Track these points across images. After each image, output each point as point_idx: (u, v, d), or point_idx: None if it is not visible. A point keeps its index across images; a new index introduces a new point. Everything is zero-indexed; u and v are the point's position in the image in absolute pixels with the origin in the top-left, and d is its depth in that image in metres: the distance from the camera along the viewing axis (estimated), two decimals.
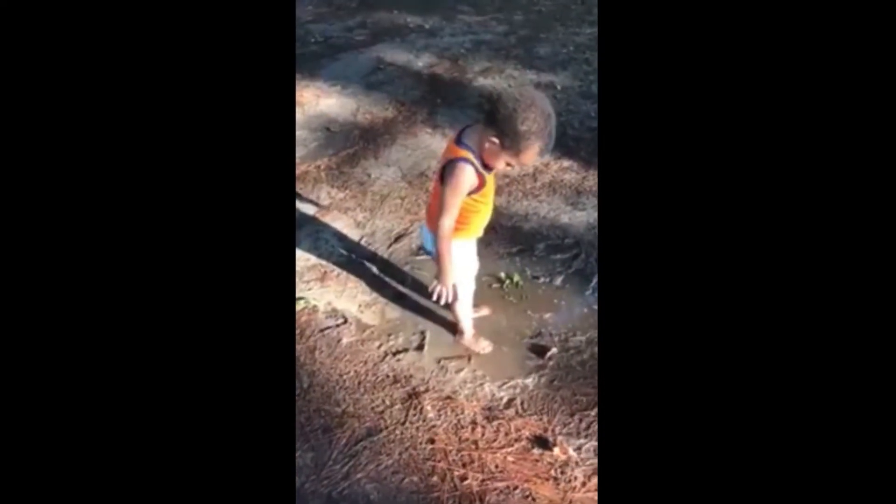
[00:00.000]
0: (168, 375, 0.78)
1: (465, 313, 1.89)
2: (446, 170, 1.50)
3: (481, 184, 1.54)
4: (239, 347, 0.80)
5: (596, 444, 1.62)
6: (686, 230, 0.79)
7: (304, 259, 2.30)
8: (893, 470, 0.70)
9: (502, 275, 2.18)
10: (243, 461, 0.79)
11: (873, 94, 0.74)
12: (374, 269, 2.26)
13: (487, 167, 1.53)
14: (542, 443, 1.63)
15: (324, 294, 2.15)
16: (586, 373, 1.83)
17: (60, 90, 0.79)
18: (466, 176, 1.49)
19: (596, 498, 1.50)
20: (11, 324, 0.76)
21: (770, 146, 0.77)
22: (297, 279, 2.20)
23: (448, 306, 1.83)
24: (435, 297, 1.63)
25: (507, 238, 2.38)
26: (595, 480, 1.53)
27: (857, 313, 0.73)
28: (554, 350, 1.90)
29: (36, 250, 0.77)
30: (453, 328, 1.98)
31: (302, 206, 2.58)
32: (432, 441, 1.65)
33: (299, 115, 3.27)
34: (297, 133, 3.11)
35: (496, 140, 1.43)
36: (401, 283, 2.19)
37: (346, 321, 2.04)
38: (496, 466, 1.58)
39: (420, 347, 1.94)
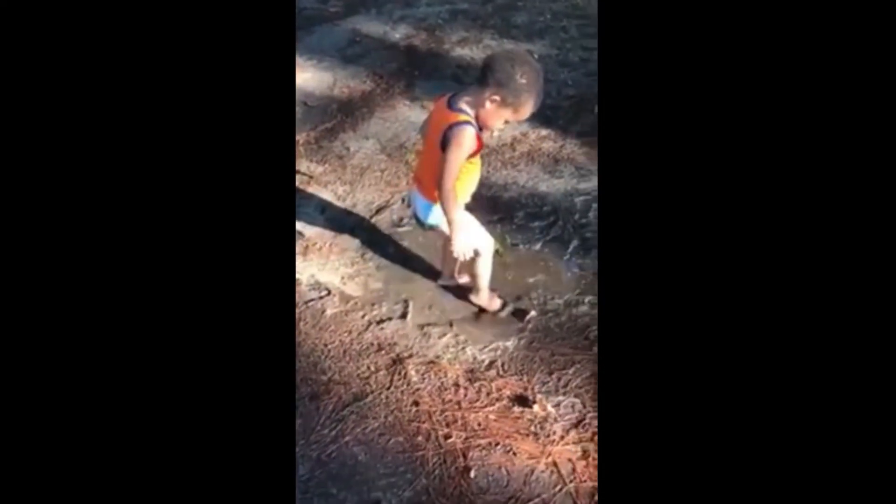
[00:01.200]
0: (167, 353, 0.80)
1: (485, 271, 1.92)
2: (449, 134, 1.55)
3: (479, 146, 1.62)
4: (240, 321, 0.82)
5: (573, 400, 1.69)
6: (684, 205, 0.79)
7: None
8: (893, 470, 0.71)
9: None
10: (244, 428, 0.81)
11: (873, 92, 0.74)
12: (356, 242, 2.28)
13: (481, 129, 1.60)
14: (522, 401, 1.70)
15: (307, 267, 2.17)
16: (564, 334, 1.90)
17: (62, 70, 0.79)
18: (469, 138, 1.56)
19: (573, 449, 1.58)
20: (7, 318, 0.77)
21: (771, 122, 0.77)
22: None
23: (468, 267, 1.87)
24: (458, 256, 1.70)
25: (487, 207, 2.41)
26: (573, 434, 1.61)
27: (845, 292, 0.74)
28: (533, 313, 1.96)
29: (30, 230, 0.79)
30: (465, 293, 2.01)
31: None
32: (417, 403, 1.71)
33: None
34: None
35: (497, 97, 1.51)
36: (383, 254, 2.22)
37: (329, 293, 2.07)
38: (479, 424, 1.64)
39: (403, 316, 1.99)
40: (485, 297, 1.98)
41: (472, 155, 1.63)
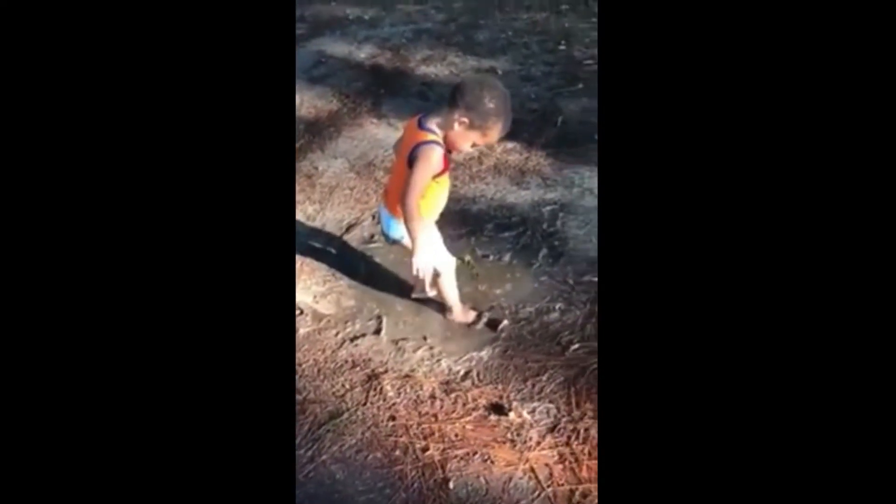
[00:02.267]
0: (165, 367, 0.79)
1: (450, 289, 1.93)
2: (417, 152, 1.60)
3: (446, 167, 1.66)
4: (238, 336, 0.81)
5: (548, 405, 1.72)
6: (683, 214, 0.79)
7: None
8: (893, 470, 0.70)
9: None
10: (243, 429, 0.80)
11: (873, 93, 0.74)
12: (328, 260, 2.28)
13: (450, 151, 1.65)
14: (499, 409, 1.71)
15: None
16: (536, 341, 1.92)
17: (59, 73, 0.79)
18: (436, 158, 1.60)
19: (549, 454, 1.60)
20: (10, 326, 0.76)
21: (768, 133, 0.76)
22: None
23: (434, 285, 1.87)
24: (416, 273, 1.69)
25: (456, 220, 2.44)
26: (549, 438, 1.63)
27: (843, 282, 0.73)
28: (506, 322, 1.98)
29: (32, 237, 0.77)
30: (443, 309, 2.01)
31: None
32: (393, 418, 1.71)
33: None
34: None
35: (466, 120, 1.57)
36: (355, 272, 2.23)
37: (301, 312, 2.06)
38: (456, 435, 1.65)
39: (377, 332, 1.99)
40: (458, 312, 2.00)
41: (439, 174, 1.67)
